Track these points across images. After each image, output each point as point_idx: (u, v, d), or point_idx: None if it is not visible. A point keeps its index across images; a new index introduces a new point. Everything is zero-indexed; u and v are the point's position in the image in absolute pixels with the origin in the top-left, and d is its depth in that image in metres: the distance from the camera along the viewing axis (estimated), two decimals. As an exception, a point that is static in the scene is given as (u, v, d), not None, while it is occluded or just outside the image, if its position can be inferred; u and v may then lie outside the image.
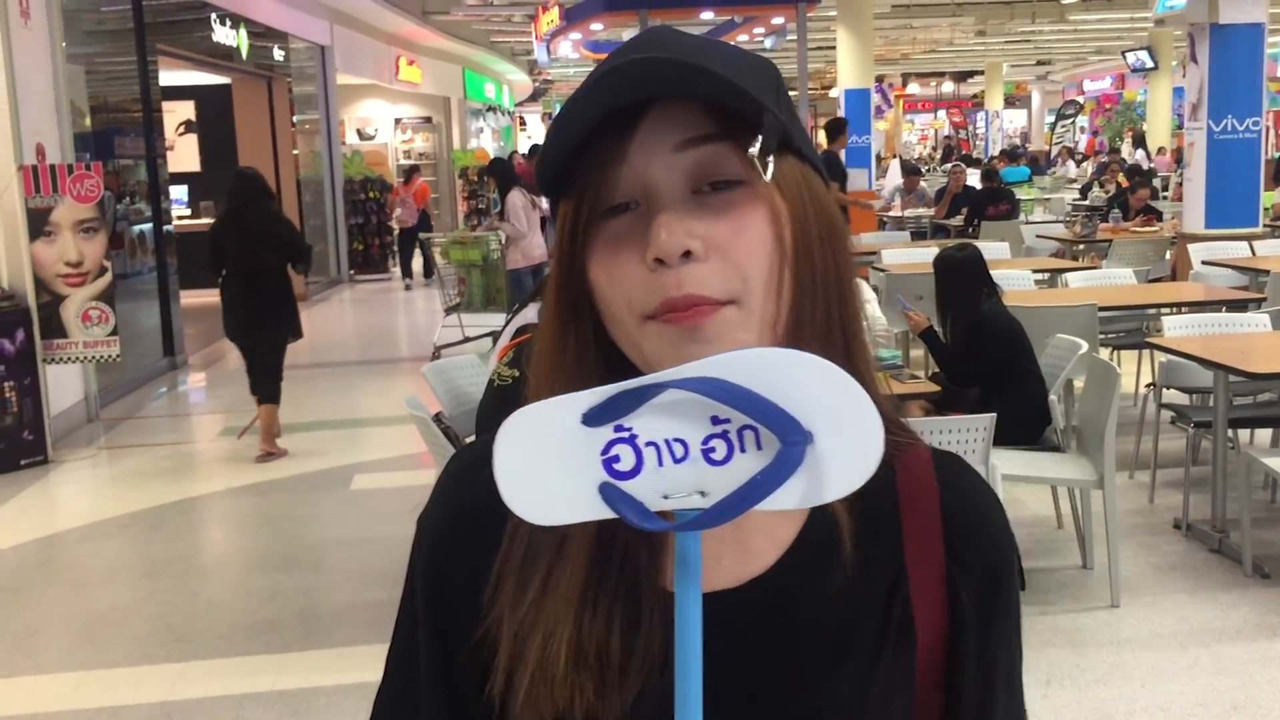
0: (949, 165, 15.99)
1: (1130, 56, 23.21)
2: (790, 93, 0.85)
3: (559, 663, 0.76)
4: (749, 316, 0.75)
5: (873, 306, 5.34)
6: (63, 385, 7.40)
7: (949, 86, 38.25)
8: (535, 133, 35.70)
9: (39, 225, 6.82)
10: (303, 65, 15.07)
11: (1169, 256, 9.37)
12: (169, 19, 10.75)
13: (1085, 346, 4.82)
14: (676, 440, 0.66)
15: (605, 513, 0.66)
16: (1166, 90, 23.35)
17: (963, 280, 4.88)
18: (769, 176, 0.75)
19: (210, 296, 14.07)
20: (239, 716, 3.69)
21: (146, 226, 9.78)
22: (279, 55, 14.03)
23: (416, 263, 15.22)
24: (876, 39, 20.00)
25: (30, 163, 6.94)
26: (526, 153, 17.41)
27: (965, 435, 3.77)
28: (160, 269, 9.92)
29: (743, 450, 0.66)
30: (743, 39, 14.13)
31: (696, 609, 0.67)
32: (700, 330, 0.73)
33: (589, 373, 0.78)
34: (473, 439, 4.32)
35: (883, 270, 7.85)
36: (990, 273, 4.99)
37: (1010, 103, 37.89)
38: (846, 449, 0.65)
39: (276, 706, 3.74)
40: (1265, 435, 5.92)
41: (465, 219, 19.82)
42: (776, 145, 0.76)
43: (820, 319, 0.78)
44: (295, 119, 14.44)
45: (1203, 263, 8.07)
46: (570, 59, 18.95)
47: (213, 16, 11.59)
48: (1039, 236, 10.63)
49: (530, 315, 4.06)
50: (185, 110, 14.84)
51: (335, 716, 3.65)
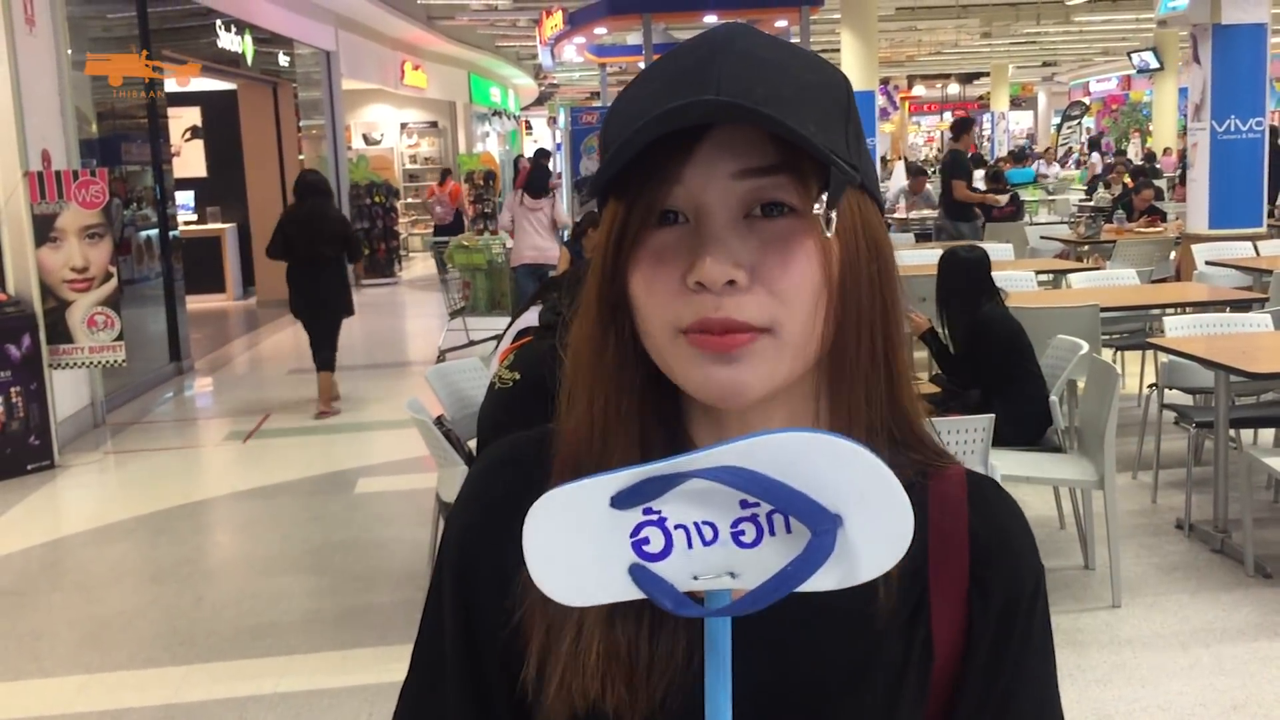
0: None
1: (1136, 57, 23.16)
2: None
3: (591, 655, 0.76)
4: (783, 348, 0.74)
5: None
6: (69, 390, 7.43)
7: (954, 88, 38.21)
8: (541, 137, 35.73)
9: (45, 231, 6.86)
10: (308, 71, 15.11)
11: (1173, 257, 9.36)
12: (174, 25, 10.80)
13: (1085, 347, 4.82)
14: (706, 523, 0.66)
15: (636, 594, 0.67)
16: (1172, 91, 23.30)
17: (962, 280, 4.88)
18: (831, 232, 0.75)
19: (214, 302, 14.15)
20: (242, 719, 3.71)
21: (153, 232, 9.81)
22: (284, 61, 14.07)
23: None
24: (881, 41, 20.01)
25: (36, 169, 6.98)
26: (531, 157, 17.40)
27: (964, 436, 3.77)
28: (166, 274, 9.96)
29: (772, 533, 0.66)
30: (747, 42, 14.13)
31: (726, 690, 0.68)
32: (732, 355, 0.73)
33: (630, 375, 0.79)
34: (474, 442, 4.29)
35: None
36: (993, 276, 4.99)
37: (1016, 104, 37.86)
38: (877, 530, 0.66)
39: (280, 709, 3.75)
40: (1268, 435, 5.92)
41: (471, 223, 19.87)
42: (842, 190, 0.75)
43: (865, 356, 0.78)
44: (301, 124, 14.48)
45: (1206, 263, 8.07)
46: (574, 63, 18.98)
47: (218, 23, 11.63)
48: (1043, 238, 10.62)
49: (531, 319, 4.07)
50: (191, 116, 14.88)
51: (339, 719, 3.67)
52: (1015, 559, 0.84)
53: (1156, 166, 18.50)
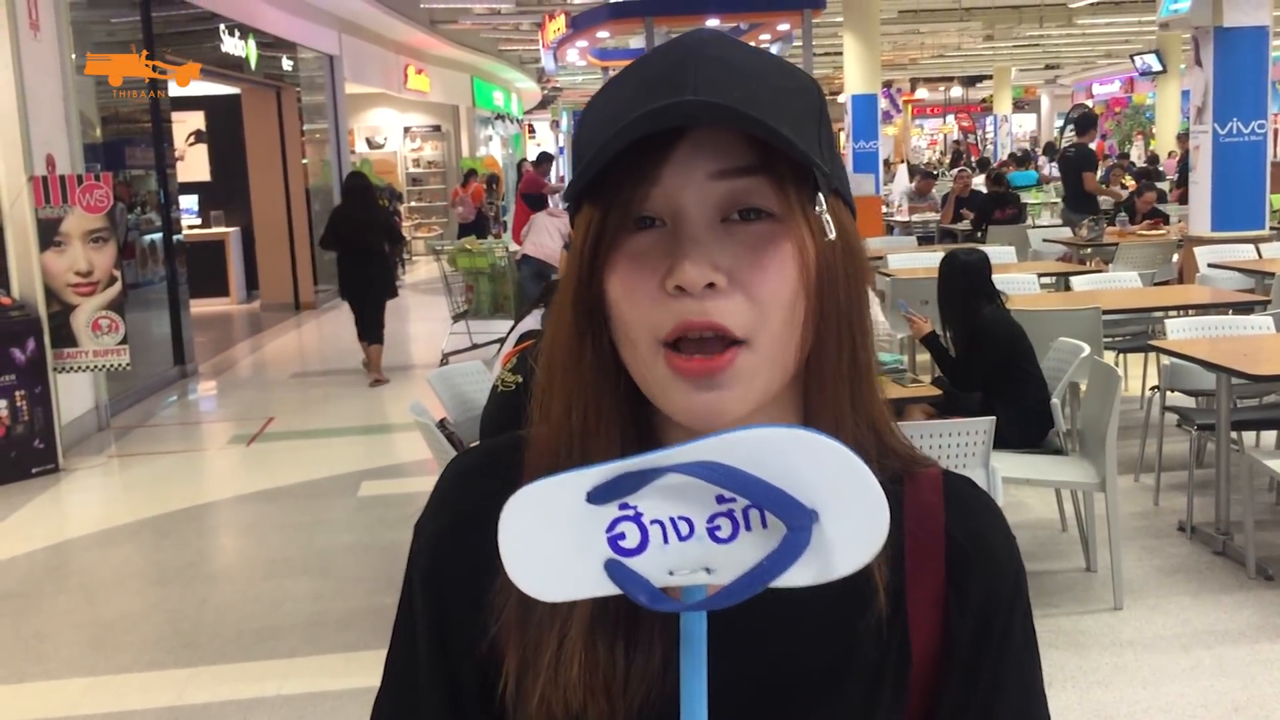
0: (955, 170, 15.97)
1: (1138, 60, 23.16)
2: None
3: (572, 670, 0.76)
4: (761, 362, 0.74)
5: (875, 311, 5.35)
6: (73, 394, 7.45)
7: (957, 91, 38.23)
8: (544, 140, 35.75)
9: (49, 235, 6.87)
10: (312, 75, 15.14)
11: (1176, 259, 9.37)
12: (178, 29, 10.82)
13: (1087, 350, 4.83)
14: (682, 518, 0.66)
15: (611, 589, 0.67)
16: (1175, 94, 23.30)
17: (962, 283, 4.89)
18: (832, 235, 0.75)
19: (218, 306, 14.17)
20: (246, 721, 3.72)
21: (157, 236, 9.83)
22: (288, 65, 14.10)
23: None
24: (884, 44, 20.03)
25: (40, 173, 7.00)
26: (535, 160, 17.45)
27: (965, 438, 3.78)
28: (170, 278, 9.98)
29: (748, 528, 0.66)
30: (749, 45, 14.15)
31: (701, 685, 0.68)
32: (713, 379, 0.73)
33: (608, 382, 0.78)
34: (476, 445, 4.34)
35: (888, 275, 7.86)
36: (993, 279, 5.00)
37: (1019, 107, 37.85)
38: (852, 526, 0.65)
39: (283, 711, 3.77)
40: (1270, 437, 5.92)
41: (459, 234, 19.87)
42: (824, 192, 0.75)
43: (845, 361, 0.78)
44: (304, 128, 14.50)
45: (1209, 265, 8.07)
46: (577, 66, 19.00)
47: (221, 27, 11.66)
48: (1046, 240, 10.62)
49: (533, 322, 4.09)
50: (195, 120, 14.92)
51: (341, 721, 3.68)
52: (992, 559, 0.83)
53: (1159, 169, 18.47)
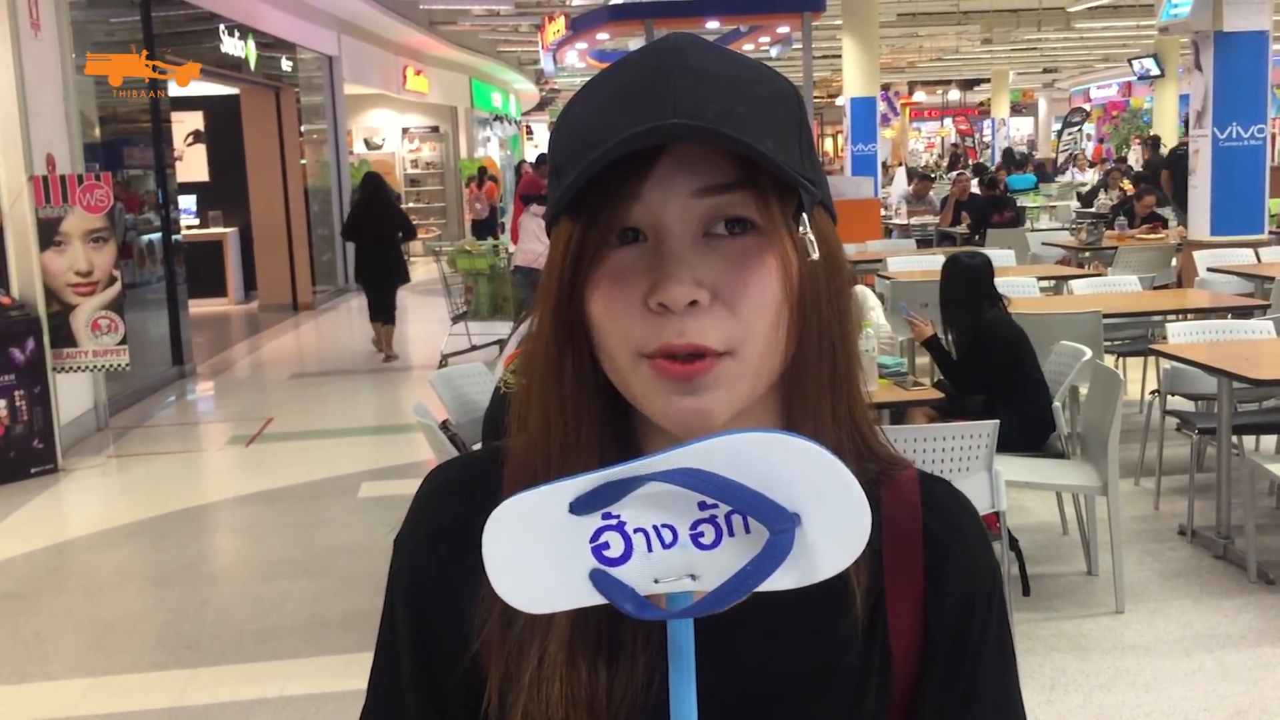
0: (954, 173, 15.99)
1: (1136, 64, 23.20)
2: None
3: (554, 685, 0.76)
4: (744, 370, 0.74)
5: (877, 314, 5.36)
6: (72, 394, 7.44)
7: (955, 94, 38.27)
8: (542, 142, 35.76)
9: (49, 235, 6.86)
10: (310, 75, 15.14)
11: (1175, 263, 9.38)
12: (177, 30, 10.81)
13: (1089, 353, 4.83)
14: (665, 526, 0.66)
15: (597, 599, 0.66)
16: (1173, 98, 23.34)
17: (965, 287, 4.89)
18: (816, 255, 0.75)
19: (216, 306, 14.16)
20: (248, 722, 3.72)
21: (155, 236, 9.82)
22: (287, 66, 14.10)
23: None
24: (882, 47, 20.05)
25: (40, 173, 6.99)
26: (534, 161, 17.47)
27: (969, 442, 3.79)
28: (169, 278, 9.97)
29: (731, 534, 0.66)
30: (748, 48, 14.15)
31: (690, 692, 0.68)
32: (694, 383, 0.72)
33: (588, 398, 0.78)
34: (479, 447, 4.31)
35: (888, 278, 7.87)
36: (995, 282, 5.00)
37: (1017, 110, 37.89)
38: (835, 528, 0.66)
39: (285, 712, 3.76)
40: (1270, 441, 5.93)
41: (472, 228, 19.88)
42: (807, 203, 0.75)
43: (825, 369, 0.78)
44: (303, 129, 14.50)
45: (1208, 269, 8.08)
46: (577, 68, 19.00)
47: (221, 27, 11.66)
48: (1045, 244, 10.64)
49: (536, 323, 4.09)
50: (194, 121, 14.90)
51: (343, 722, 3.68)
52: (970, 559, 0.84)
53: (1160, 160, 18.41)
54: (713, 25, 13.17)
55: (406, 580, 0.86)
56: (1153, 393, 5.78)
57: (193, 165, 14.67)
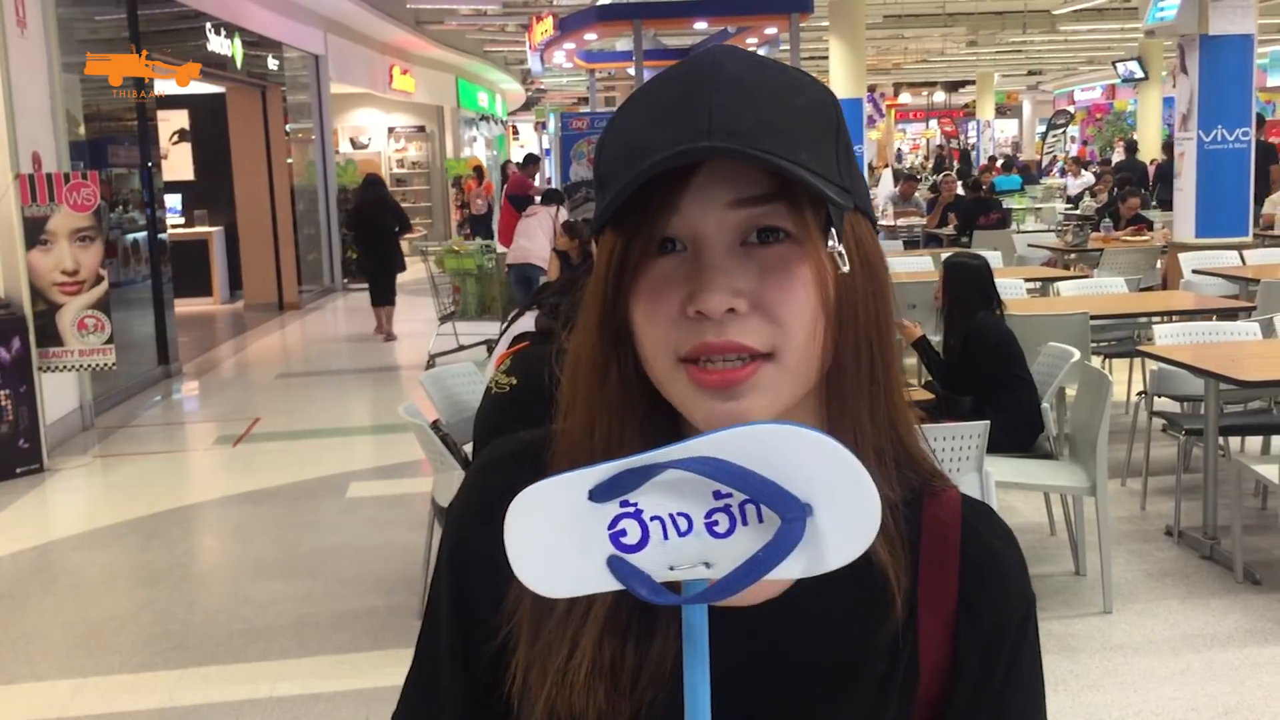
0: (941, 175, 16.04)
1: (1121, 67, 23.29)
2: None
3: (581, 672, 0.77)
4: (783, 374, 0.75)
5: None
6: (58, 393, 7.40)
7: (940, 96, 38.37)
8: (528, 142, 35.74)
9: (35, 234, 6.83)
10: (297, 74, 15.09)
11: (1160, 265, 9.43)
12: (163, 28, 10.77)
13: (1077, 355, 4.85)
14: (680, 514, 0.68)
15: (614, 584, 0.68)
16: (1157, 100, 23.45)
17: (975, 289, 4.87)
18: (846, 268, 0.76)
19: (201, 306, 14.10)
20: (238, 723, 3.71)
21: (141, 235, 9.78)
22: (273, 64, 14.05)
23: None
24: (869, 49, 20.09)
25: (27, 171, 6.96)
26: (521, 162, 17.45)
27: (959, 443, 3.80)
28: (155, 278, 9.92)
29: (744, 523, 0.68)
30: (736, 49, 14.16)
31: (704, 677, 0.69)
32: (734, 389, 0.74)
33: (633, 401, 0.80)
34: (469, 447, 4.28)
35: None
36: (995, 285, 5.00)
37: (1001, 112, 38.00)
38: (845, 519, 0.67)
39: (275, 713, 3.75)
40: (1255, 443, 5.96)
41: (458, 228, 19.87)
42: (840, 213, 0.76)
43: (864, 376, 0.79)
44: (289, 128, 14.45)
45: (1193, 271, 8.13)
46: (563, 68, 19.00)
47: (207, 26, 11.61)
48: (1031, 246, 10.68)
49: (527, 324, 4.08)
50: (179, 119, 14.84)
51: (334, 723, 3.67)
52: (1005, 584, 0.85)
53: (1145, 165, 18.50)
54: (700, 26, 13.19)
55: (452, 547, 0.89)
56: (1140, 394, 5.81)
57: (178, 164, 14.61)
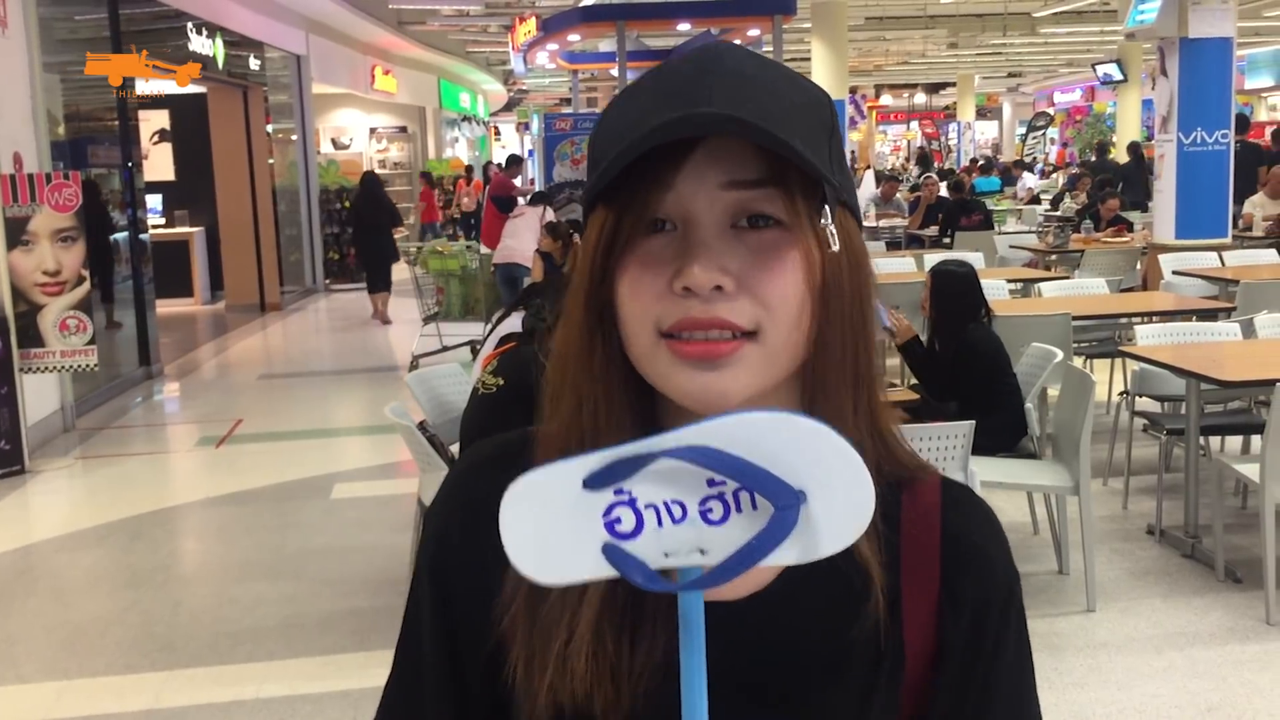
0: (923, 176, 16.09)
1: (1100, 69, 23.43)
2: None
3: (580, 660, 0.78)
4: (766, 354, 0.76)
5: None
6: (39, 395, 7.36)
7: (921, 98, 38.52)
8: (510, 143, 35.69)
9: (17, 234, 6.79)
10: (278, 74, 15.03)
11: (1140, 267, 9.49)
12: (145, 28, 10.71)
13: (1060, 355, 4.89)
14: (675, 502, 0.68)
15: (609, 572, 0.68)
16: (1135, 102, 23.58)
17: (963, 297, 4.87)
18: (836, 246, 0.77)
19: (182, 306, 14.03)
20: (224, 724, 3.70)
21: (122, 236, 9.73)
22: (255, 64, 13.99)
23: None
24: (850, 51, 20.14)
25: (8, 172, 6.92)
26: (504, 163, 17.42)
27: (945, 443, 3.82)
28: (136, 278, 9.87)
29: (739, 510, 0.68)
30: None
31: (700, 663, 0.70)
32: (715, 361, 0.75)
33: (616, 375, 0.80)
34: (456, 447, 4.28)
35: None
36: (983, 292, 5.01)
37: (982, 114, 38.16)
38: (839, 506, 0.67)
39: (262, 714, 3.74)
40: (1235, 442, 6.01)
41: (440, 228, 19.82)
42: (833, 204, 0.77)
43: (847, 366, 0.80)
44: (271, 128, 14.40)
45: (1173, 273, 8.18)
46: (546, 69, 18.99)
47: (189, 26, 11.56)
48: (1012, 247, 10.73)
49: (514, 325, 4.09)
50: (160, 119, 14.76)
51: (321, 724, 3.66)
52: (988, 566, 0.85)
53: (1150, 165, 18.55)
54: (684, 28, 13.21)
55: (433, 552, 0.88)
56: (1121, 394, 5.85)
57: (158, 164, 14.53)
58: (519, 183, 15.22)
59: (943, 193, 13.11)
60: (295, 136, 15.51)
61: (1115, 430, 5.99)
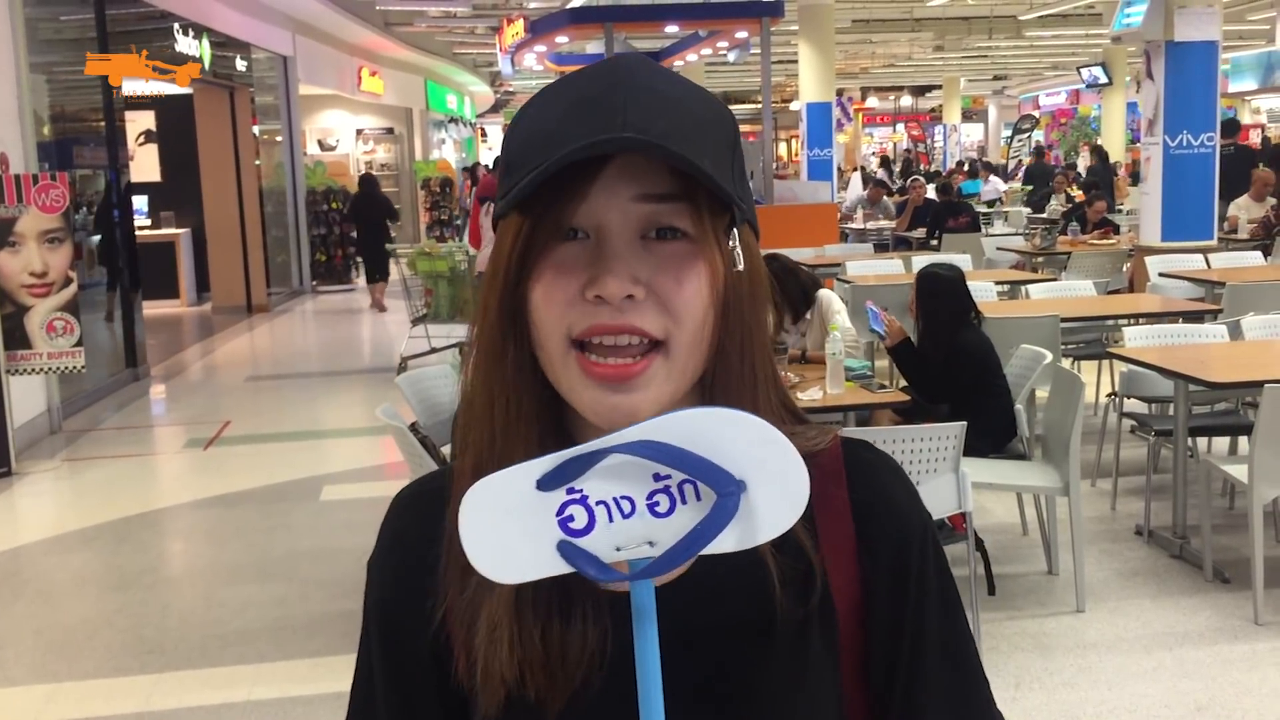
0: (910, 179, 16.14)
1: (1085, 72, 23.54)
2: (754, 105, 0.90)
3: (504, 646, 0.81)
4: (672, 367, 0.80)
5: (842, 317, 5.39)
6: (25, 396, 7.32)
7: (907, 100, 38.61)
8: (496, 144, 35.64)
9: (3, 235, 6.76)
10: (264, 75, 14.99)
11: (1126, 269, 9.53)
12: (131, 29, 10.67)
13: (1050, 357, 4.90)
14: (624, 498, 0.72)
15: (565, 568, 0.72)
16: (1120, 105, 23.70)
17: (950, 301, 4.88)
18: (741, 265, 0.81)
19: (168, 308, 13.98)
20: (215, 727, 3.68)
21: (95, 238, 9.67)
22: (241, 65, 13.95)
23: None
24: (837, 53, 20.19)
25: (-6, 172, 6.88)
26: (492, 164, 17.43)
27: (936, 444, 3.83)
28: (123, 279, 9.82)
29: (684, 502, 0.72)
30: (706, 52, 14.22)
31: (654, 650, 0.73)
32: (627, 384, 0.78)
33: (527, 381, 0.83)
34: (447, 449, 4.29)
35: (847, 282, 7.93)
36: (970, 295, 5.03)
37: (968, 117, 38.27)
38: (776, 493, 0.72)
39: (252, 717, 3.74)
40: (1222, 443, 6.04)
41: (428, 230, 19.79)
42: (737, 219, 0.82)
43: (748, 370, 0.84)
44: (257, 129, 14.36)
45: (1160, 275, 8.22)
46: (534, 71, 18.97)
47: (175, 26, 11.51)
48: (999, 249, 10.77)
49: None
50: (146, 120, 14.70)
51: (312, 726, 3.65)
52: (897, 512, 0.89)
53: (1114, 168, 18.64)
54: (672, 30, 13.22)
55: (376, 596, 0.93)
56: (1109, 396, 5.88)
57: (144, 165, 14.47)
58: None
59: (930, 195, 13.16)
60: (281, 138, 15.47)
61: (1103, 431, 6.01)
